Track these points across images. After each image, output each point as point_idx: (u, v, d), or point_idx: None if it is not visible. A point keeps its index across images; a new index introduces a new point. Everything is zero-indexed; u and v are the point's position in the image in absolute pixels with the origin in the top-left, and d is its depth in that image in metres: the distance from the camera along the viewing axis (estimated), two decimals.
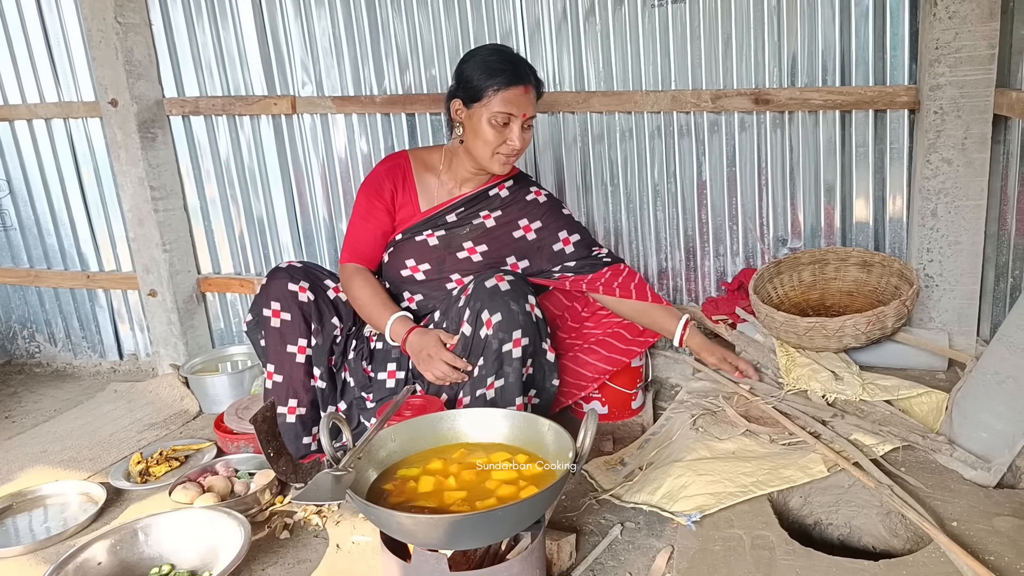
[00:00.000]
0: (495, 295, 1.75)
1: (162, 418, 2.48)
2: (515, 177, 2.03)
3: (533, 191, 2.03)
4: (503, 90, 1.78)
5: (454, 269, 1.95)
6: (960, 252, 2.04)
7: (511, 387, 1.78)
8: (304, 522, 1.80)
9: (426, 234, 1.95)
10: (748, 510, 1.50)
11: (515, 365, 1.77)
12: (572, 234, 2.02)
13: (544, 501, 1.33)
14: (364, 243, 1.98)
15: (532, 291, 1.84)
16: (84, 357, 3.14)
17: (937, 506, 1.47)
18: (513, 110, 1.79)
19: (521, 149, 1.85)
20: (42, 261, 3.07)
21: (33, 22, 2.77)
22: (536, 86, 1.85)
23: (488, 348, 1.76)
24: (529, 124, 1.84)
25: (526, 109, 1.81)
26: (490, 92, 1.79)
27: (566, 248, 2.01)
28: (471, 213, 1.97)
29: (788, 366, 1.91)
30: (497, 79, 1.78)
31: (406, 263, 1.95)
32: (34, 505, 2.00)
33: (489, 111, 1.79)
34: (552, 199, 2.05)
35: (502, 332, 1.75)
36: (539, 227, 2.00)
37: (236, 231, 2.82)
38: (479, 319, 1.76)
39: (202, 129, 2.72)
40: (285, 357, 1.92)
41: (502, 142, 1.82)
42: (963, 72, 1.92)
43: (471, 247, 1.95)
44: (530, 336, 1.78)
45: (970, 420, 1.60)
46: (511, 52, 1.87)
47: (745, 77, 2.21)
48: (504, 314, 1.74)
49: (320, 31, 2.52)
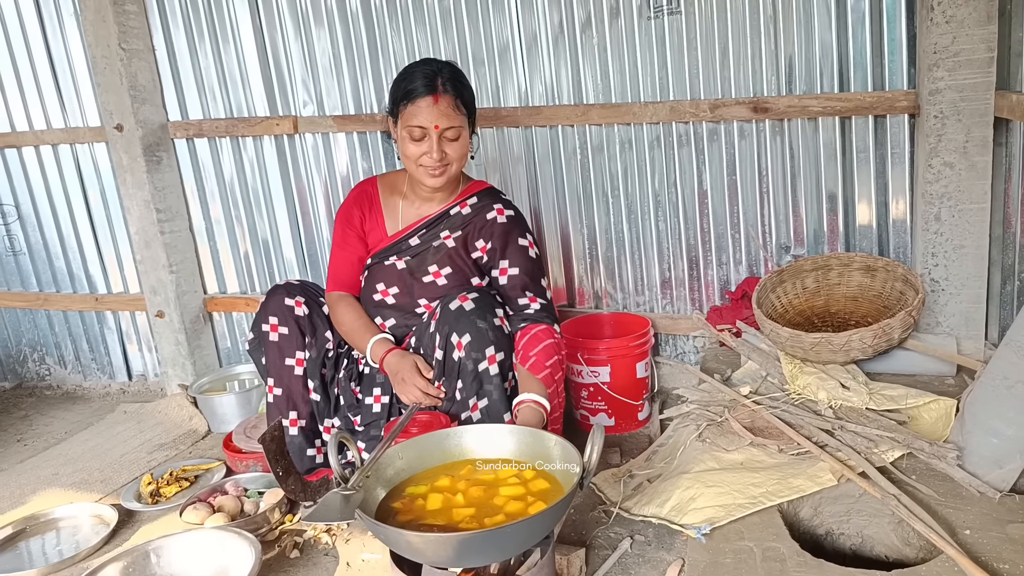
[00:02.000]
0: (460, 316, 1.75)
1: (171, 438, 2.50)
2: (480, 193, 1.95)
3: (496, 208, 1.91)
4: (412, 103, 1.77)
5: (421, 294, 1.93)
6: (965, 256, 2.04)
7: (495, 404, 1.76)
8: (314, 540, 1.81)
9: (393, 259, 1.95)
10: (758, 521, 1.49)
11: (495, 382, 1.75)
12: (512, 267, 1.89)
13: (553, 517, 1.33)
14: (343, 270, 2.00)
15: (500, 304, 1.82)
16: (93, 379, 3.16)
17: (949, 514, 1.46)
18: (423, 122, 1.76)
19: (445, 160, 1.80)
20: (51, 285, 3.10)
21: (39, 50, 2.81)
22: (456, 95, 1.79)
23: (464, 370, 1.75)
24: (453, 136, 1.79)
25: (437, 120, 1.76)
26: (402, 106, 1.79)
27: (500, 278, 1.90)
28: (432, 235, 1.93)
29: (794, 374, 1.90)
30: (407, 93, 1.78)
31: (377, 287, 1.96)
32: (47, 528, 2.01)
33: (405, 125, 1.79)
34: (512, 221, 1.91)
35: (475, 352, 1.73)
36: (489, 248, 1.91)
37: (241, 251, 2.84)
38: (449, 342, 1.76)
39: (206, 151, 2.75)
40: (284, 370, 1.94)
41: (422, 154, 1.80)
42: (962, 76, 1.92)
43: (436, 271, 1.92)
44: (504, 350, 1.76)
45: (980, 426, 1.59)
46: (433, 64, 1.82)
47: (743, 86, 2.21)
48: (473, 333, 1.73)
49: (320, 51, 2.55)
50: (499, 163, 2.50)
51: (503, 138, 2.47)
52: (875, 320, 2.02)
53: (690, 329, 2.42)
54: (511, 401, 1.79)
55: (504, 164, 2.49)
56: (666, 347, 2.52)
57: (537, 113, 2.38)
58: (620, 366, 2.20)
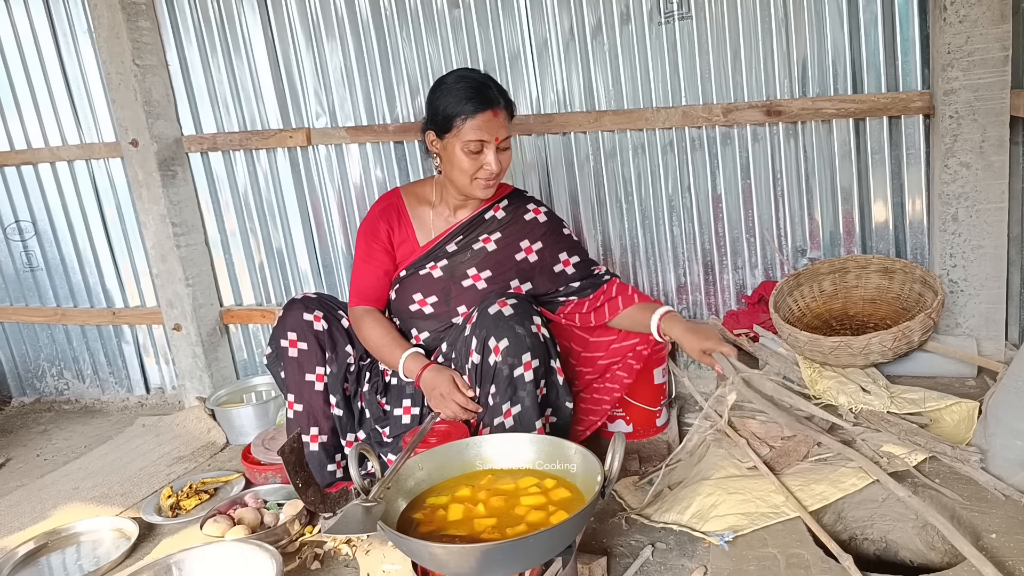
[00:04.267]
0: (499, 320, 1.74)
1: (190, 451, 2.51)
2: (509, 196, 2.01)
3: (531, 209, 2.00)
4: (471, 118, 1.78)
5: (460, 300, 1.93)
6: (983, 256, 2.02)
7: (528, 411, 1.76)
8: (334, 552, 1.81)
9: (429, 267, 1.95)
10: (782, 528, 1.48)
11: (528, 388, 1.75)
12: (572, 255, 2.01)
13: (575, 526, 1.32)
14: (369, 285, 1.99)
15: (537, 311, 1.83)
16: (111, 392, 3.19)
17: (974, 518, 1.44)
18: (484, 136, 1.78)
19: (500, 171, 1.85)
20: (68, 299, 3.12)
21: (53, 67, 2.85)
22: (506, 106, 1.83)
23: (499, 375, 1.75)
24: (505, 145, 1.84)
25: (497, 133, 1.79)
26: (459, 122, 1.79)
27: (567, 269, 2.00)
28: (470, 239, 1.96)
29: (814, 378, 1.89)
30: (465, 108, 1.78)
31: (413, 297, 1.95)
32: (68, 543, 2.02)
33: (461, 140, 1.79)
34: (552, 218, 2.03)
35: (511, 357, 1.73)
36: (540, 248, 1.98)
37: (256, 263, 2.86)
38: (486, 346, 1.75)
39: (220, 164, 2.77)
40: (304, 386, 1.94)
41: (479, 168, 1.81)
42: (977, 75, 1.91)
43: (475, 274, 1.94)
44: (540, 357, 1.76)
45: (1004, 428, 1.57)
46: (477, 76, 1.85)
47: (756, 89, 2.21)
48: (511, 339, 1.73)
49: (332, 63, 2.57)
50: (512, 171, 2.50)
51: (516, 146, 2.47)
52: (894, 323, 2.01)
53: None
54: (542, 409, 1.80)
55: (517, 172, 2.50)
56: (683, 353, 2.51)
57: (549, 120, 2.38)
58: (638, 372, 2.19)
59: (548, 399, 1.85)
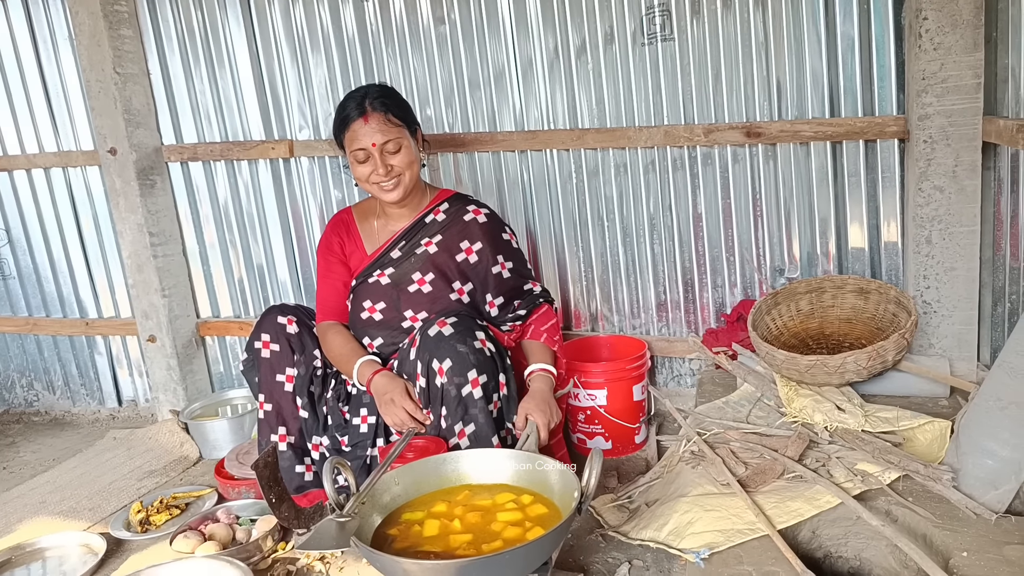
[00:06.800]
0: (440, 341, 1.76)
1: (162, 465, 2.46)
2: (450, 199, 2.06)
3: (471, 210, 2.04)
4: (347, 131, 1.90)
5: (408, 304, 1.97)
6: (956, 278, 2.06)
7: (483, 428, 1.75)
8: (307, 568, 1.78)
9: (377, 274, 2.00)
10: (757, 545, 1.48)
11: (480, 405, 1.74)
12: (508, 260, 2.05)
13: (551, 542, 1.32)
14: (330, 298, 2.05)
15: (482, 326, 1.83)
16: (83, 404, 3.13)
17: (946, 536, 1.45)
18: (362, 144, 1.88)
19: (393, 173, 1.90)
20: (41, 309, 3.07)
21: (32, 74, 2.82)
22: (385, 109, 1.88)
23: (447, 396, 1.75)
24: (393, 148, 1.88)
25: (373, 138, 1.87)
26: (343, 139, 1.92)
27: (503, 272, 2.03)
28: (413, 244, 2.01)
29: (790, 396, 1.90)
30: (340, 125, 1.91)
31: (363, 305, 1.99)
32: (33, 558, 1.97)
33: (350, 153, 1.91)
34: (492, 219, 2.06)
35: (457, 376, 1.73)
36: (480, 248, 2.01)
37: (235, 275, 2.83)
38: (431, 369, 1.76)
39: (200, 175, 2.75)
40: (275, 386, 1.97)
41: (371, 173, 1.90)
42: (950, 101, 1.96)
43: (420, 278, 1.98)
44: (487, 372, 1.76)
45: (975, 448, 1.59)
46: (357, 90, 1.93)
47: (736, 111, 2.24)
48: (453, 358, 1.73)
49: (316, 76, 2.57)
50: (495, 187, 2.51)
51: (499, 162, 2.49)
52: (869, 342, 2.03)
53: (686, 352, 2.43)
54: (497, 424, 1.79)
55: (500, 188, 2.51)
56: (662, 370, 2.52)
57: (533, 137, 2.40)
58: (617, 389, 2.20)
59: (504, 414, 1.83)
